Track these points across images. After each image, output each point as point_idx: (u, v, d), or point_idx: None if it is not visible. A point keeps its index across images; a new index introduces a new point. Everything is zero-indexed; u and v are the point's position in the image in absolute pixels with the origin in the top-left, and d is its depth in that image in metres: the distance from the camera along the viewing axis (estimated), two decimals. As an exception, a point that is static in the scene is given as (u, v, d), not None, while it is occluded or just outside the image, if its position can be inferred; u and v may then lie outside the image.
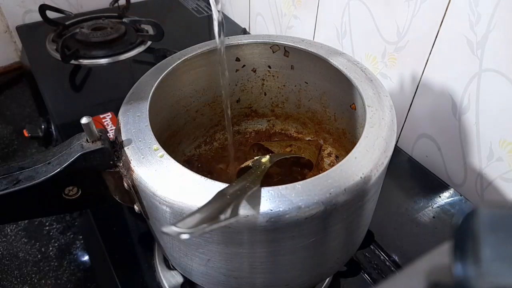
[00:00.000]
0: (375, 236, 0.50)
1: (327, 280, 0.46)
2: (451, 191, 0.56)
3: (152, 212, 0.34)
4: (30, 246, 0.52)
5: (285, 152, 0.49)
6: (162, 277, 0.46)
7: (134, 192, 0.34)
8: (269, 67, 0.49)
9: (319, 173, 0.31)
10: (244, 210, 0.28)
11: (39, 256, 0.51)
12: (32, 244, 0.52)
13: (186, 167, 0.31)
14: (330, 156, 0.51)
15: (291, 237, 0.31)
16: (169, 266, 0.47)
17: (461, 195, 0.55)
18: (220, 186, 0.30)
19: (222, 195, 0.27)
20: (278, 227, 0.29)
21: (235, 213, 0.25)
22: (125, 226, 0.52)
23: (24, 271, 0.49)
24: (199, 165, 0.51)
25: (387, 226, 0.53)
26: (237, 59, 0.48)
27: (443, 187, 0.57)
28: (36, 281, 0.48)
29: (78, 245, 0.52)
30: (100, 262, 0.50)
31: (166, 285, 0.46)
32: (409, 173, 0.61)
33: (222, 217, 0.24)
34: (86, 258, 0.51)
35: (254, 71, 0.50)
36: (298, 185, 0.30)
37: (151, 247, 0.50)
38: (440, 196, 0.56)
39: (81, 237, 0.53)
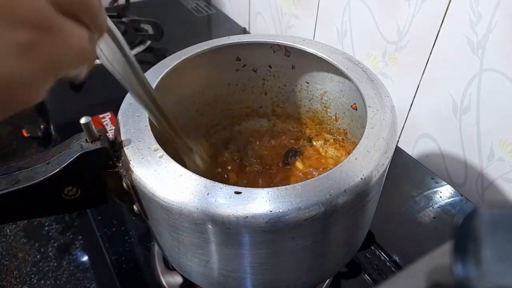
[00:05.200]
0: (375, 237, 0.50)
1: (327, 281, 0.46)
2: (452, 191, 0.56)
3: (151, 213, 0.34)
4: (29, 247, 0.52)
5: None
6: (161, 277, 0.46)
7: (134, 193, 0.33)
8: (270, 66, 0.49)
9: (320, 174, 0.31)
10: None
11: (38, 256, 0.51)
12: (32, 245, 0.52)
13: (186, 168, 0.31)
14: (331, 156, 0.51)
15: (291, 238, 0.30)
16: (168, 267, 0.47)
17: (461, 195, 0.55)
18: (219, 186, 0.29)
19: None
20: (277, 228, 0.29)
21: None
22: (124, 226, 0.52)
23: (23, 272, 0.49)
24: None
25: (388, 227, 0.53)
26: (238, 59, 0.48)
27: (444, 187, 0.57)
28: (35, 281, 0.48)
29: (77, 246, 0.52)
30: (100, 263, 0.49)
31: (165, 285, 0.46)
32: (410, 173, 0.60)
33: None
34: (85, 258, 0.51)
35: (255, 71, 0.50)
36: (298, 186, 0.29)
37: (151, 247, 0.49)
38: (440, 196, 0.55)
39: (80, 237, 0.53)
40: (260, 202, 0.28)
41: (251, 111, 0.54)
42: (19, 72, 0.16)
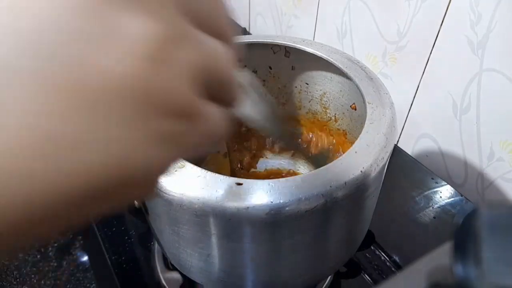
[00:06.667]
0: (375, 237, 0.50)
1: (327, 281, 0.46)
2: (452, 191, 0.56)
3: (151, 206, 0.34)
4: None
5: None
6: (161, 277, 0.46)
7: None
8: (270, 67, 0.49)
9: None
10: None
11: (38, 256, 0.51)
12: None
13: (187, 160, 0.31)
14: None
15: (291, 231, 0.31)
16: (168, 267, 0.47)
17: (461, 195, 0.55)
18: (221, 178, 0.29)
19: None
20: (278, 219, 0.29)
21: None
22: (124, 226, 0.52)
23: (23, 272, 0.49)
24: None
25: (388, 227, 0.53)
26: (238, 59, 0.48)
27: (444, 187, 0.57)
28: (35, 281, 0.48)
29: (77, 245, 0.52)
30: (100, 263, 0.49)
31: (165, 285, 0.46)
32: (410, 173, 0.60)
33: None
34: (85, 258, 0.51)
35: (255, 72, 0.50)
36: (298, 177, 0.30)
37: (151, 247, 0.49)
38: (440, 197, 0.55)
39: (80, 237, 0.53)
40: (261, 193, 0.29)
41: (251, 111, 0.54)
42: (151, 162, 0.13)
